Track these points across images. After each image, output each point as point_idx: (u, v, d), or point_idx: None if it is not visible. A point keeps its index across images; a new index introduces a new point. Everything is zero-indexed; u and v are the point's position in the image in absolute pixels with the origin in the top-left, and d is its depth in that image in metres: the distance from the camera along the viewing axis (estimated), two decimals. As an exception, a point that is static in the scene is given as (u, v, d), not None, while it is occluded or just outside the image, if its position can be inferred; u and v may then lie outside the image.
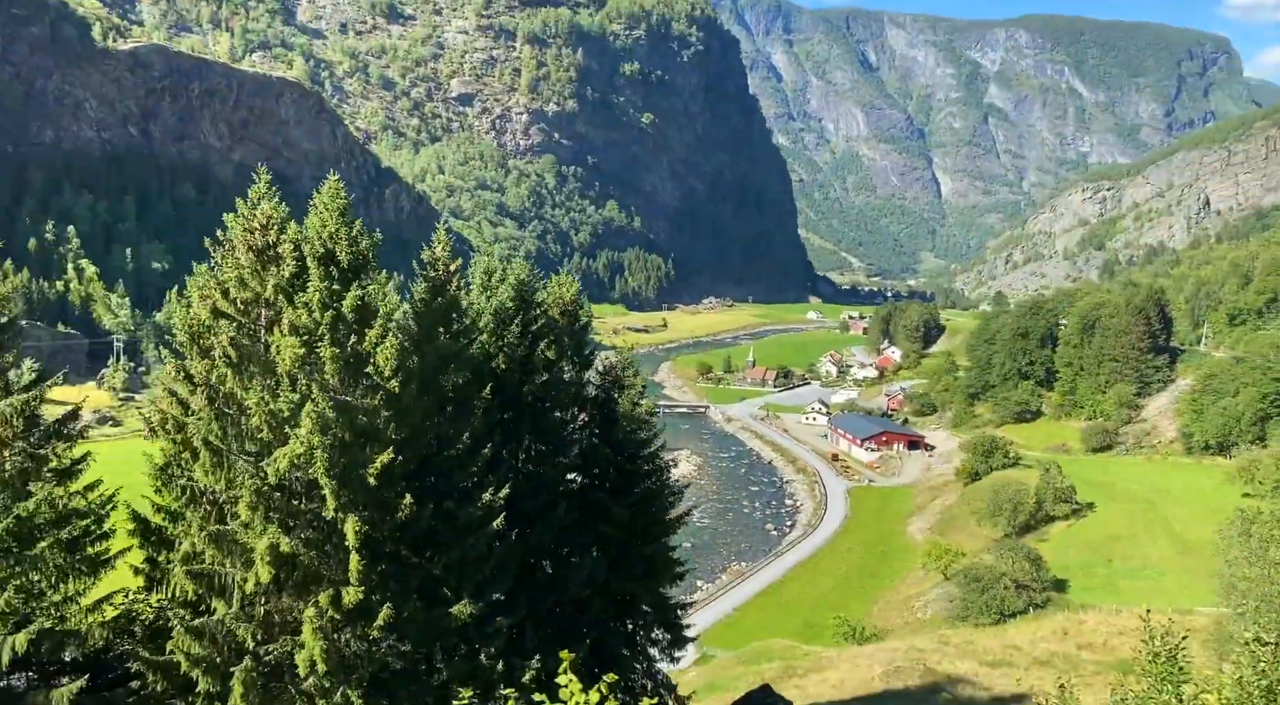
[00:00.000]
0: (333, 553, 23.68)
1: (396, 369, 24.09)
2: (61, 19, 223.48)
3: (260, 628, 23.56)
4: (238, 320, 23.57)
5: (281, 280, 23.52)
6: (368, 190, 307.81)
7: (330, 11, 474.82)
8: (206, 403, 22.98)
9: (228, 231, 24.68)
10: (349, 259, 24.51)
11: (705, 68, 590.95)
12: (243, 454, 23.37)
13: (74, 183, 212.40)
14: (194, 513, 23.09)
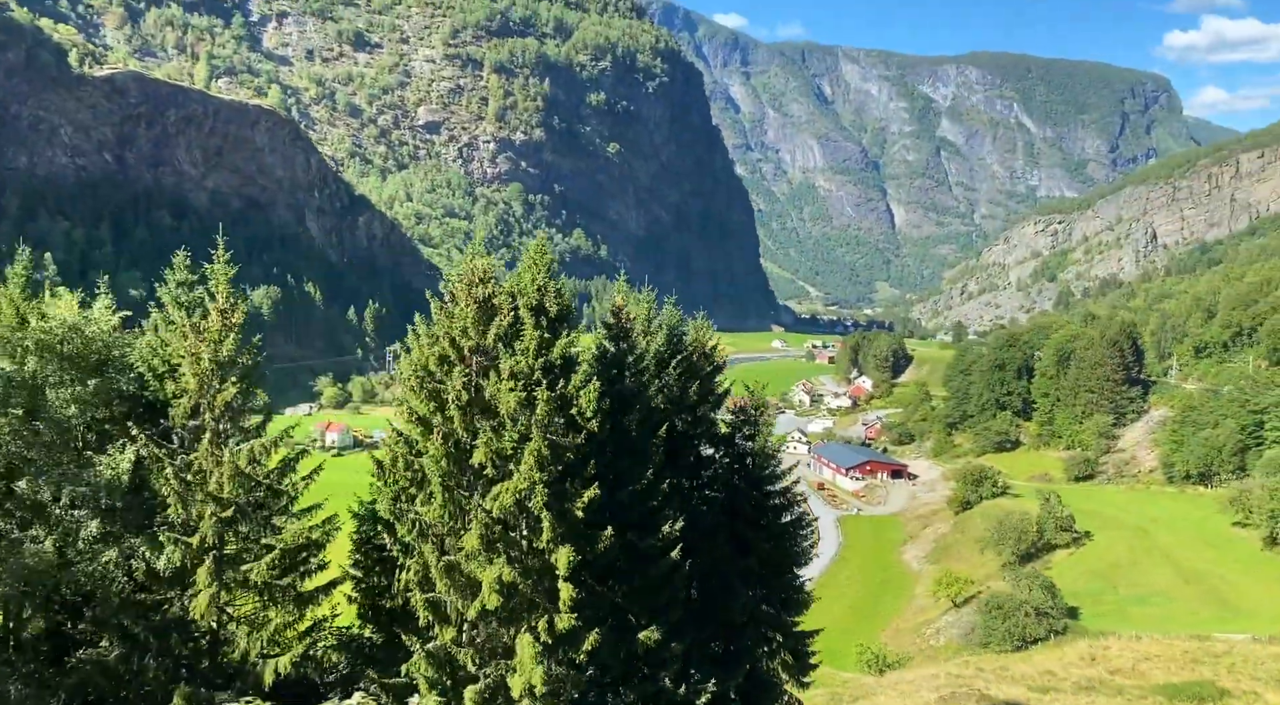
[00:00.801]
0: (542, 582, 25.36)
1: (596, 411, 26.01)
2: (38, 45, 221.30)
3: (478, 652, 25.17)
4: (467, 367, 25.25)
5: (501, 329, 25.24)
6: (340, 218, 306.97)
7: (297, 39, 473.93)
8: (442, 443, 24.52)
9: (447, 285, 26.43)
10: (556, 309, 26.41)
11: (670, 99, 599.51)
12: (467, 489, 25.00)
13: (49, 209, 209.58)
14: (426, 545, 24.53)
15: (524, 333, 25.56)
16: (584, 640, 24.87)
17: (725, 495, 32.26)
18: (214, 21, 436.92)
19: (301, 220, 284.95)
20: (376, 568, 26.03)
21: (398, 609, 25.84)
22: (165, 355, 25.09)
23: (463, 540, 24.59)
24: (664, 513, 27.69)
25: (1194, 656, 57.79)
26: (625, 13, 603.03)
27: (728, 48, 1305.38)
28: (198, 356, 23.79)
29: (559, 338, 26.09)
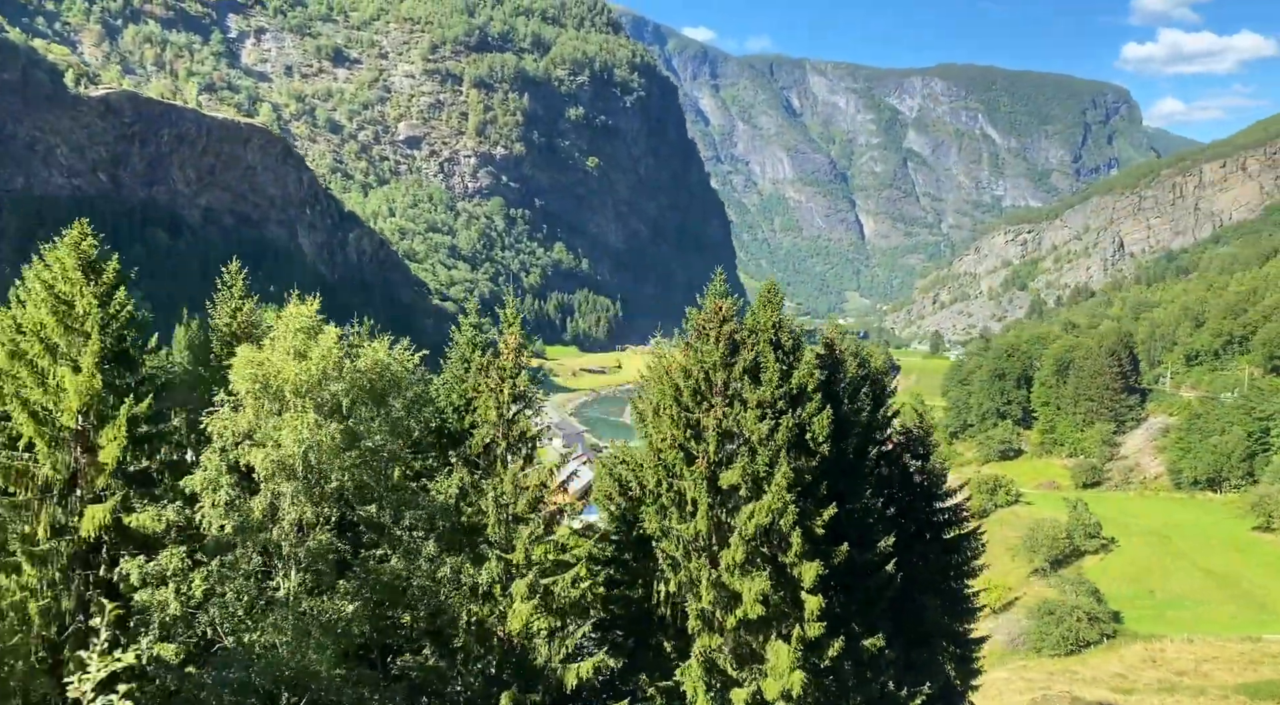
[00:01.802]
0: (790, 593, 28.09)
1: (829, 436, 28.85)
2: (33, 65, 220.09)
3: (734, 658, 27.83)
4: (718, 398, 27.92)
5: (747, 363, 28.04)
6: (331, 234, 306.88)
7: (275, 55, 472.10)
8: (705, 467, 27.10)
9: (689, 322, 29.16)
10: (790, 343, 29.24)
11: (646, 113, 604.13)
12: (720, 509, 27.68)
13: (47, 229, 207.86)
14: (694, 561, 27.12)
15: (766, 365, 28.40)
16: (829, 647, 27.65)
17: (897, 511, 35.16)
18: (192, 38, 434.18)
19: (294, 237, 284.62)
20: (639, 581, 28.57)
21: (658, 618, 28.40)
22: (462, 391, 27.56)
23: (722, 555, 27.30)
24: (878, 529, 30.58)
25: (1251, 658, 61.16)
26: (602, 28, 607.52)
27: (697, 61, 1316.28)
28: (498, 391, 26.32)
29: (795, 369, 28.95)
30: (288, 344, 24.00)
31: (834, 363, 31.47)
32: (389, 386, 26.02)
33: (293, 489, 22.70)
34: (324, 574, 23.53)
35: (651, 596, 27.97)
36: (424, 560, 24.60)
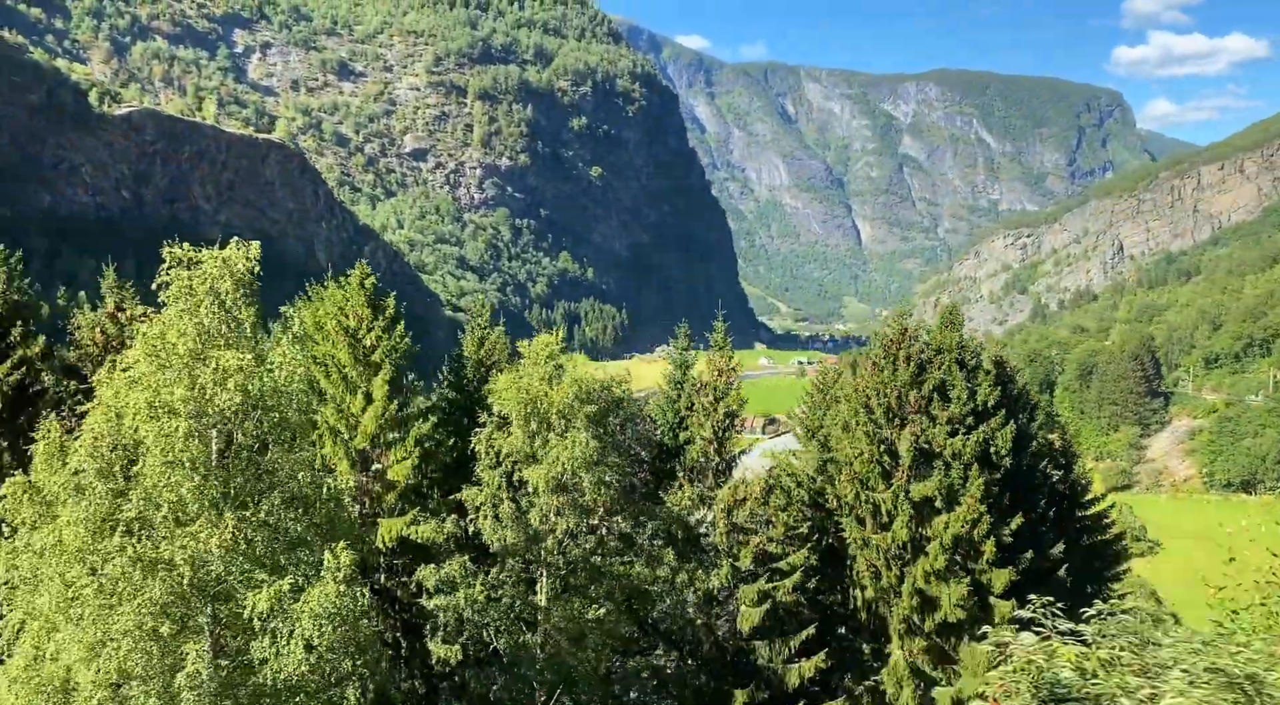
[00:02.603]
0: (978, 598, 30.45)
1: (1011, 449, 31.30)
2: (59, 85, 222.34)
3: (928, 659, 30.19)
4: (909, 415, 30.35)
5: (935, 382, 30.49)
6: (348, 248, 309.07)
7: (281, 69, 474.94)
8: (903, 480, 29.50)
9: (873, 345, 31.62)
10: (972, 362, 31.72)
11: (647, 122, 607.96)
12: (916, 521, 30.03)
13: (73, 247, 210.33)
14: (895, 570, 29.52)
15: (954, 384, 30.87)
16: (1019, 648, 30.00)
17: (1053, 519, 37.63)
18: (199, 54, 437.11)
19: (311, 251, 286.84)
20: (836, 587, 30.97)
21: (856, 622, 30.78)
22: (675, 408, 29.96)
23: (920, 563, 29.70)
24: (1049, 536, 33.04)
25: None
26: (603, 38, 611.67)
27: (692, 68, 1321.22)
28: (713, 411, 28.75)
29: (978, 387, 31.43)
30: (542, 371, 26.40)
31: (1007, 379, 33.94)
32: (611, 406, 28.43)
33: (562, 502, 25.07)
34: (581, 580, 25.91)
35: (848, 602, 30.31)
36: (666, 567, 26.96)
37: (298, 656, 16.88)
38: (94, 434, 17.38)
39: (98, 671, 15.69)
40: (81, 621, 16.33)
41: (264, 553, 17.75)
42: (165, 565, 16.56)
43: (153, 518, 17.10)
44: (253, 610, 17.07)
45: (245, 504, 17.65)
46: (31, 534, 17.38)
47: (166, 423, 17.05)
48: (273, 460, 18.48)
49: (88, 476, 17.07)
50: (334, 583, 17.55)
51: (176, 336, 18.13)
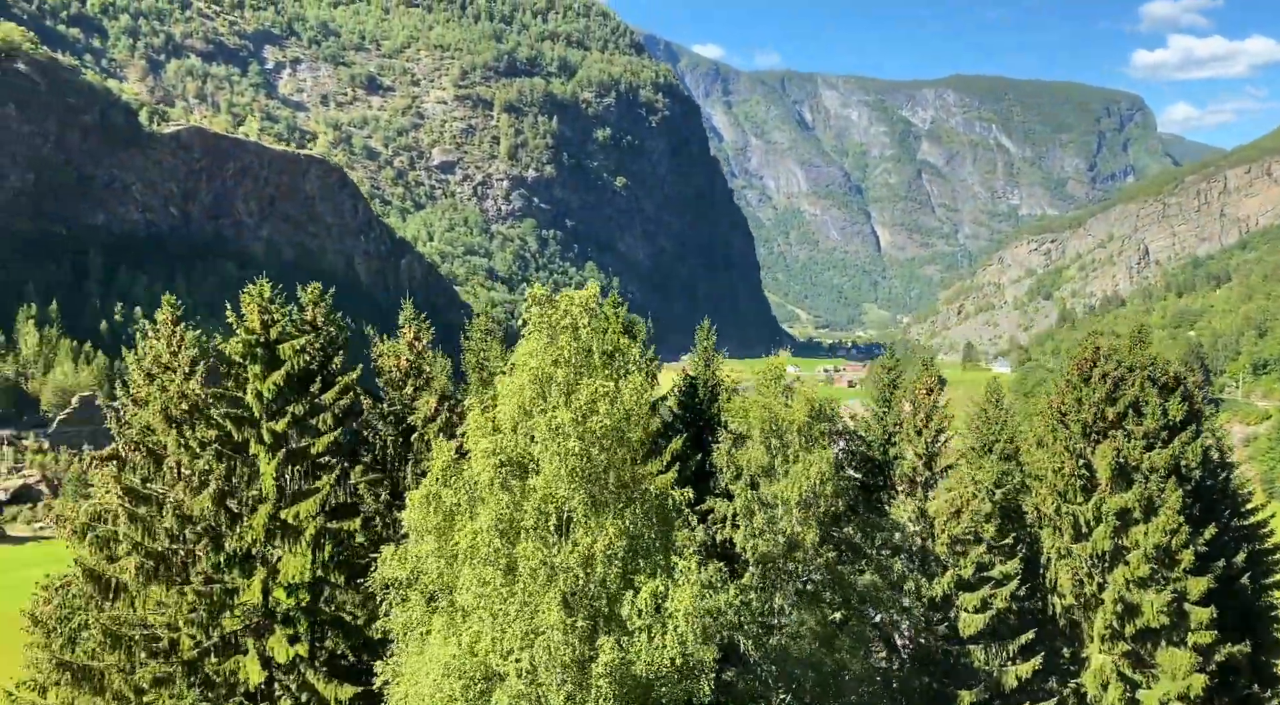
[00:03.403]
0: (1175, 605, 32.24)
1: (1200, 462, 33.13)
2: (110, 106, 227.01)
3: (1128, 663, 31.99)
4: (1117, 434, 32.17)
5: (1130, 398, 32.35)
6: (385, 261, 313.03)
7: (310, 84, 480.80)
8: (1105, 493, 31.40)
9: (1062, 365, 33.51)
10: (1164, 379, 33.60)
11: (670, 132, 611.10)
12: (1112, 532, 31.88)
13: (128, 264, 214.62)
14: (1096, 578, 31.43)
15: (1148, 400, 32.76)
16: (1216, 653, 31.84)
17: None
18: (231, 70, 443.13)
19: (350, 265, 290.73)
20: (1036, 595, 32.85)
21: (1054, 627, 32.65)
22: (885, 425, 31.99)
23: (1120, 572, 31.55)
24: (1230, 545, 34.86)
25: None
26: (625, 49, 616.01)
27: (709, 78, 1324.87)
28: (925, 428, 30.81)
29: (1169, 403, 33.32)
30: (775, 390, 28.55)
31: (1188, 395, 35.83)
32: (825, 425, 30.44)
33: (807, 514, 27.16)
34: (821, 587, 27.96)
35: (1046, 608, 32.19)
36: (895, 575, 28.98)
37: (674, 650, 19.00)
38: (489, 451, 19.57)
39: (528, 662, 17.86)
40: (498, 617, 18.51)
41: (628, 558, 19.89)
42: (564, 568, 18.74)
43: (546, 525, 19.28)
44: (631, 608, 19.24)
45: (618, 514, 19.81)
46: (435, 539, 19.57)
47: (560, 442, 19.23)
48: (634, 474, 20.68)
49: (487, 489, 19.28)
50: (691, 586, 19.73)
51: (551, 366, 20.31)
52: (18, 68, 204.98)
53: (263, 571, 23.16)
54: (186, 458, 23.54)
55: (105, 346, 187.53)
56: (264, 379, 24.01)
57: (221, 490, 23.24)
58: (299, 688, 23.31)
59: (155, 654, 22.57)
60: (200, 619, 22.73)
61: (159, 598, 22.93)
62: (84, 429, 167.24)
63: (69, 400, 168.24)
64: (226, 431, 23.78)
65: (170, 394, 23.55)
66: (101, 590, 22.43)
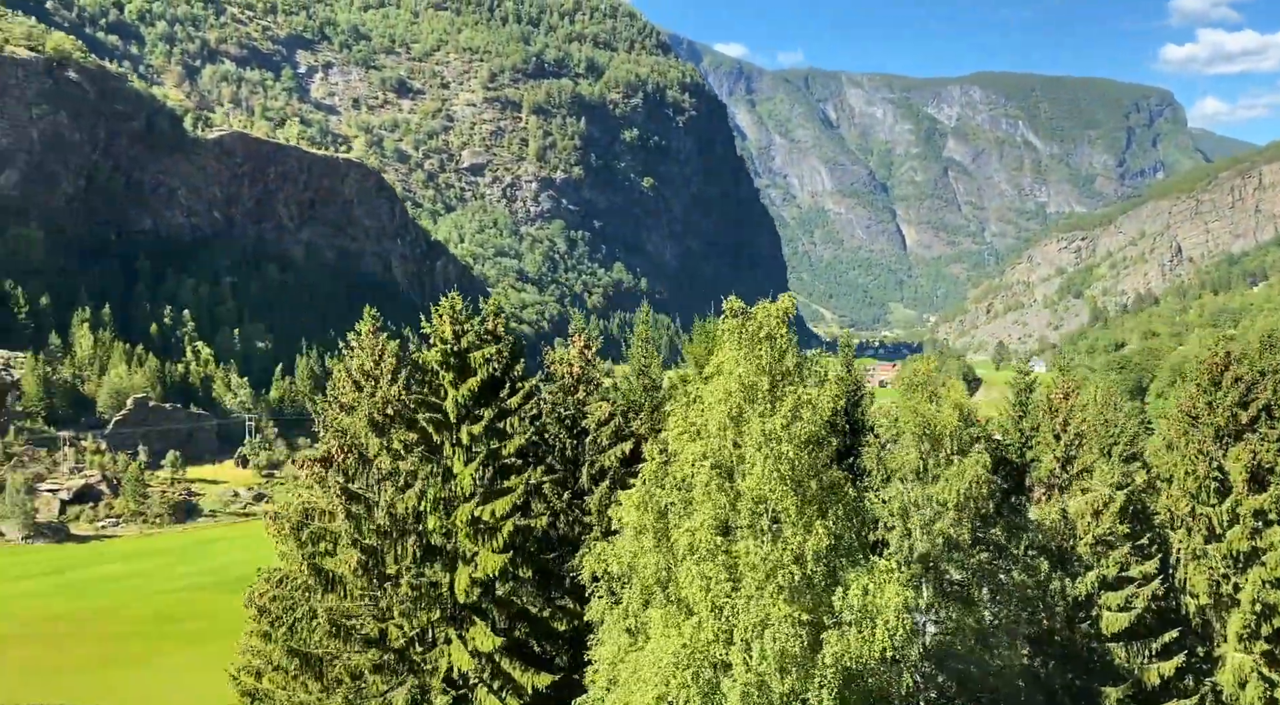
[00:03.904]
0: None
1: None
2: (155, 112, 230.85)
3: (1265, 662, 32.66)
4: (1252, 438, 32.81)
5: (1264, 401, 32.89)
6: (420, 263, 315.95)
7: (342, 88, 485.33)
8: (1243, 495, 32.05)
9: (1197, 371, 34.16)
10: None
11: (697, 132, 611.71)
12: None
13: (174, 268, 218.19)
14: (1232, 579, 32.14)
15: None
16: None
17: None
18: (265, 75, 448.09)
19: (388, 267, 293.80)
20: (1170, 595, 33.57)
21: (1187, 627, 33.36)
22: (1020, 427, 32.87)
23: (1255, 572, 32.18)
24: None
25: None
26: (652, 50, 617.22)
27: (732, 77, 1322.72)
28: (1064, 431, 31.61)
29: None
30: (925, 394, 29.55)
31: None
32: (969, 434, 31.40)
33: (964, 515, 28.14)
34: (972, 587, 28.93)
35: (1178, 608, 32.91)
36: (1041, 574, 29.89)
37: (884, 643, 20.08)
38: (700, 454, 20.73)
39: (758, 653, 18.99)
40: (722, 610, 19.66)
41: (832, 556, 20.99)
42: (782, 565, 19.85)
43: (759, 524, 20.41)
44: (843, 603, 20.33)
45: (824, 513, 20.92)
46: (652, 537, 20.76)
47: (774, 446, 20.35)
48: (834, 478, 21.79)
49: (703, 489, 20.44)
50: (895, 582, 20.81)
51: (755, 374, 21.44)
52: (69, 76, 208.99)
53: (462, 567, 24.44)
54: (389, 459, 24.87)
55: (156, 349, 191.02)
56: (457, 386, 25.29)
57: (423, 490, 24.54)
58: (492, 675, 24.57)
59: (368, 642, 23.91)
60: (408, 610, 24.05)
61: (365, 590, 24.28)
62: (138, 430, 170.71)
63: (124, 402, 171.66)
64: (426, 435, 25.08)
65: (375, 400, 24.87)
66: (321, 583, 23.76)
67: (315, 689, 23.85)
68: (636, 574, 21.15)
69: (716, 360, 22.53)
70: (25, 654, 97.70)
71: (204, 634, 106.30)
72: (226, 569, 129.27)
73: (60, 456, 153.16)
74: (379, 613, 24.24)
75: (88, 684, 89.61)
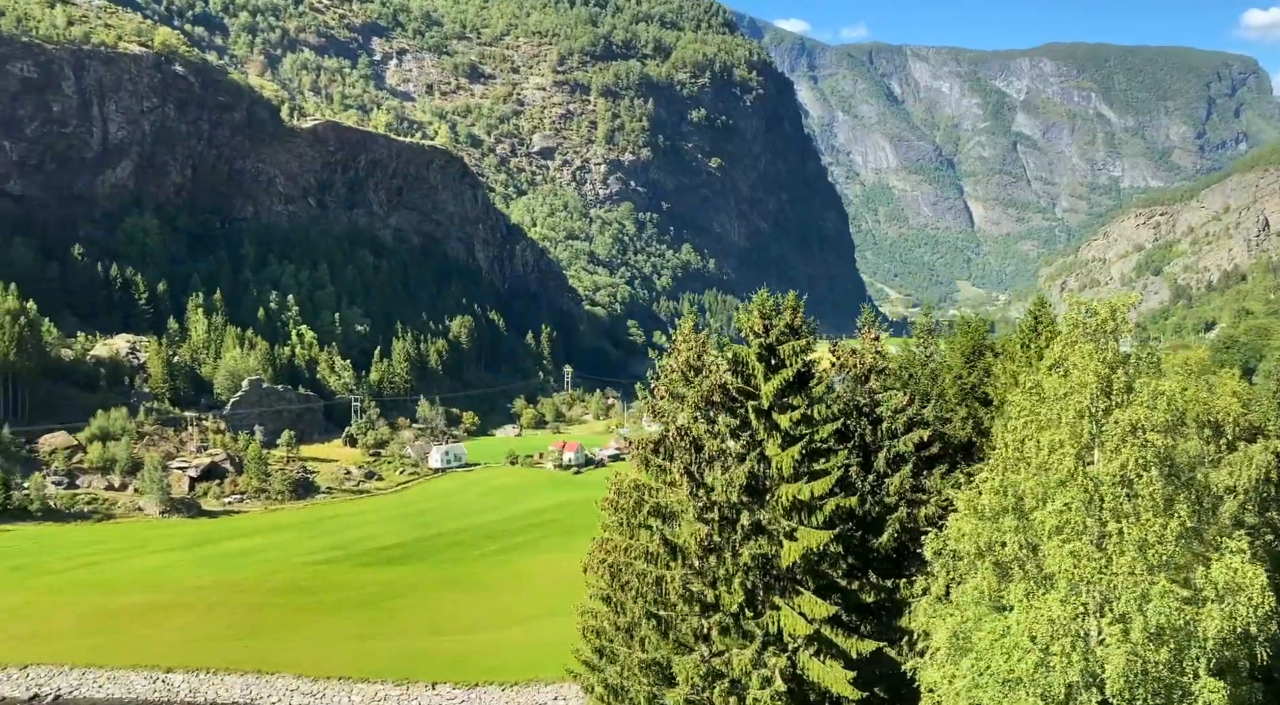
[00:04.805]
0: None
1: None
2: (254, 103, 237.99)
3: None
4: None
5: None
6: (501, 248, 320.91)
7: (416, 74, 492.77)
8: None
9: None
10: None
11: (764, 110, 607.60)
12: None
13: (276, 254, 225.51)
14: None
15: None
16: None
17: None
18: (342, 63, 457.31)
19: (471, 252, 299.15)
20: None
21: None
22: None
23: None
24: None
25: None
26: (719, 29, 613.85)
27: (794, 53, 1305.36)
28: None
29: None
30: (1197, 380, 31.15)
31: None
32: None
33: (1245, 500, 29.74)
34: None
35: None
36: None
37: (1248, 618, 21.83)
38: (1059, 441, 22.76)
39: (1139, 625, 21.00)
40: (1093, 585, 21.73)
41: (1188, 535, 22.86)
42: (1150, 543, 21.80)
43: (1122, 506, 22.37)
44: (1206, 580, 22.21)
45: (1180, 498, 22.81)
46: (1014, 517, 22.89)
47: (1142, 434, 22.27)
48: (1189, 461, 23.70)
49: (1069, 474, 22.46)
50: (1257, 562, 22.63)
51: (1108, 369, 23.32)
52: (175, 70, 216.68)
53: (787, 542, 26.86)
54: (716, 443, 27.37)
55: (263, 332, 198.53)
56: (769, 378, 27.63)
57: (752, 471, 26.99)
58: (809, 640, 26.98)
59: (706, 607, 26.53)
60: (741, 580, 26.58)
61: (703, 560, 26.86)
62: (253, 411, 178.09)
63: (239, 383, 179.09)
64: (746, 421, 27.51)
65: (701, 390, 27.35)
66: (669, 553, 26.42)
67: (665, 647, 26.55)
68: (993, 552, 23.26)
69: (1053, 353, 24.40)
70: (181, 621, 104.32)
71: (340, 605, 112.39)
72: (351, 544, 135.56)
73: (186, 436, 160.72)
74: (713, 581, 26.83)
75: (239, 650, 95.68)
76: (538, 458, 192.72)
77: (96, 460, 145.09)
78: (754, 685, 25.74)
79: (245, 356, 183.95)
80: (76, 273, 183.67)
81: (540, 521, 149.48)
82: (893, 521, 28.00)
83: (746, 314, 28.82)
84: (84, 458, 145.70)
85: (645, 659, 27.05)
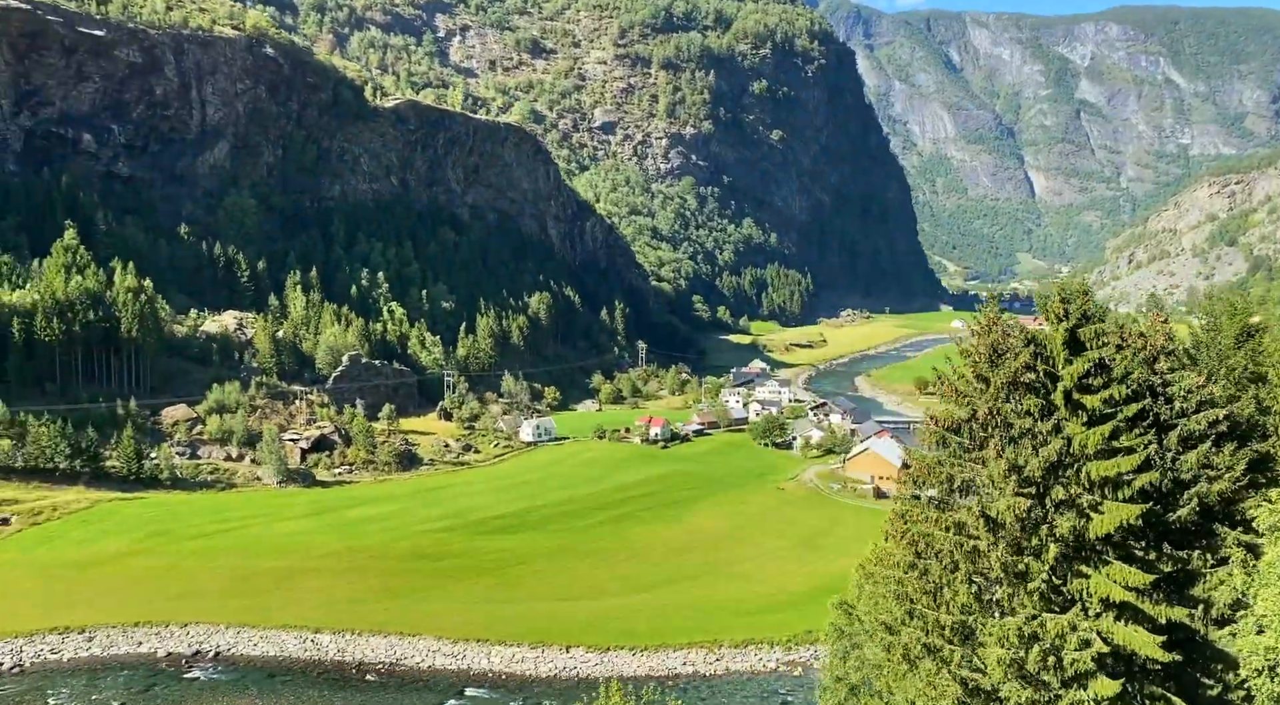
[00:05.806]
0: None
1: None
2: (339, 83, 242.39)
3: None
4: None
5: None
6: (571, 224, 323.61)
7: (479, 51, 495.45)
8: None
9: None
10: None
11: (826, 81, 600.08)
12: None
13: (364, 232, 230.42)
14: None
15: None
16: None
17: None
18: (408, 40, 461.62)
19: (544, 228, 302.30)
20: None
21: None
22: None
23: None
24: None
25: None
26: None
27: (850, 21, 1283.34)
28: None
29: None
30: None
31: None
32: None
33: None
34: None
35: None
36: None
37: None
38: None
39: None
40: None
41: None
42: None
43: None
44: None
45: None
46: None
47: None
48: None
49: None
50: None
51: None
52: (266, 52, 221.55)
53: (1096, 516, 28.64)
54: (1024, 423, 29.20)
55: (356, 309, 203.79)
56: (1072, 362, 29.28)
57: (1062, 449, 28.79)
58: (1121, 606, 28.68)
59: (1018, 576, 28.52)
60: (1054, 551, 28.47)
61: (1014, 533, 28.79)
62: (353, 385, 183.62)
63: (339, 359, 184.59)
64: (1050, 401, 29.25)
65: (1009, 372, 29.16)
66: (986, 525, 28.47)
67: (977, 610, 28.67)
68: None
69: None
70: (318, 584, 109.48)
71: (463, 570, 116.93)
72: (464, 513, 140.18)
73: (295, 409, 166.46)
74: (1021, 550, 28.78)
75: (380, 612, 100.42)
76: (624, 432, 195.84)
77: (215, 432, 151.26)
78: (1070, 647, 27.70)
79: (343, 332, 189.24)
80: (183, 251, 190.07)
81: (639, 494, 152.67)
82: (1190, 497, 29.61)
83: (1049, 301, 30.38)
84: (203, 430, 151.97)
85: (953, 621, 29.17)
